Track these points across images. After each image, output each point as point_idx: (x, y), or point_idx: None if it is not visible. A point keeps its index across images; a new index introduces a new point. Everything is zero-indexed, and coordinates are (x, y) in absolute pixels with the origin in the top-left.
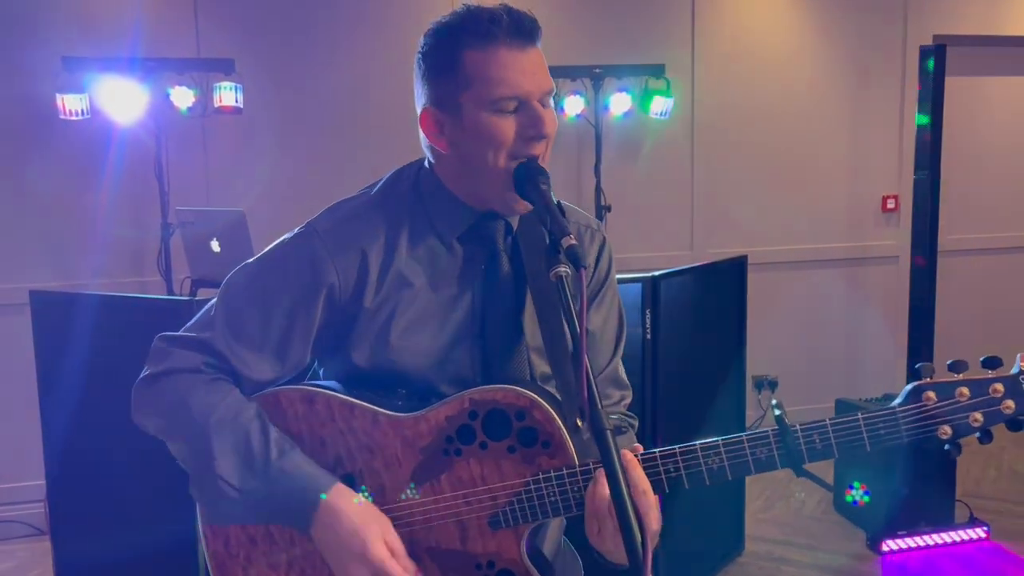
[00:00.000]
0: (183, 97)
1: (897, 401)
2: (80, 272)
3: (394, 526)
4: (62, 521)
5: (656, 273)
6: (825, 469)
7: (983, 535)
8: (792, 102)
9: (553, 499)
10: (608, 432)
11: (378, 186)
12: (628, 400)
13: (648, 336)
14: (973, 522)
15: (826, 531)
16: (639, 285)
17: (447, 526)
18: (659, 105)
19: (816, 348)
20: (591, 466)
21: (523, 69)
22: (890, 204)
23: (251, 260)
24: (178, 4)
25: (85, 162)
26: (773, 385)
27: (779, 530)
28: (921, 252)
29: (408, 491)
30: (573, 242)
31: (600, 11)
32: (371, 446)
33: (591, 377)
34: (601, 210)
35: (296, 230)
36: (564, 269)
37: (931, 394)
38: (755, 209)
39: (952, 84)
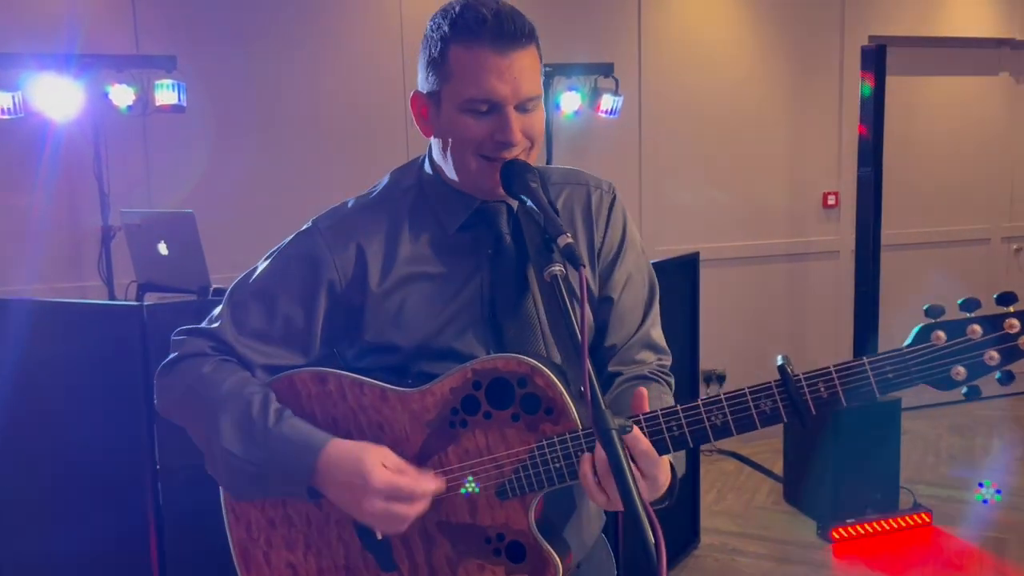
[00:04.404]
0: (122, 95)
1: (906, 342)
2: (13, 277)
3: None
4: None
5: None
6: (774, 459)
7: (927, 520)
8: (736, 101)
9: (558, 465)
10: (613, 432)
11: (381, 184)
12: (667, 364)
13: None
14: (917, 507)
15: (778, 521)
16: None
17: (456, 500)
18: (608, 103)
19: (762, 342)
20: (594, 431)
21: (500, 74)
22: (830, 200)
23: (258, 261)
24: None
25: (18, 162)
26: (721, 379)
27: (732, 521)
28: (865, 245)
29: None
30: (570, 240)
31: (549, 10)
32: (380, 422)
33: (594, 379)
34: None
35: (301, 228)
36: (559, 268)
37: (940, 333)
38: (701, 206)
39: (888, 83)
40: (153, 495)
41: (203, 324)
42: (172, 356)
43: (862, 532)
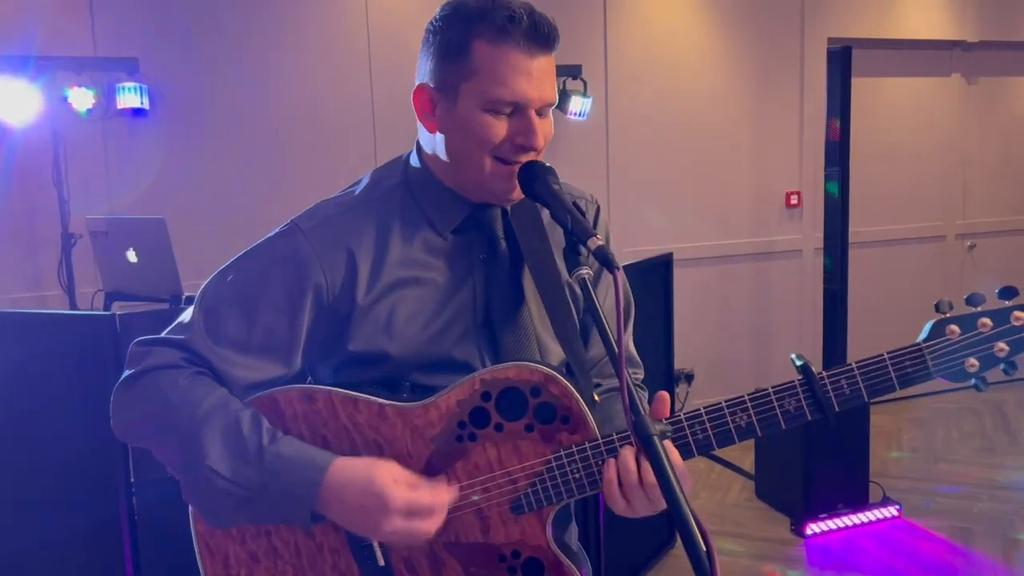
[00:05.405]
0: (82, 99)
1: (921, 337)
2: None
3: None
4: None
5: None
6: (744, 456)
7: (896, 513)
8: (700, 103)
9: (578, 476)
10: (655, 438)
11: (362, 184)
12: (640, 377)
13: None
14: (886, 501)
15: (752, 518)
16: None
17: (467, 517)
18: (577, 105)
19: (729, 341)
20: (615, 439)
21: (530, 75)
22: (793, 200)
23: (229, 262)
24: None
25: None
26: (690, 378)
27: (706, 520)
28: (833, 244)
29: None
30: (601, 243)
31: None
32: (379, 440)
33: (631, 384)
34: None
35: (279, 229)
36: (587, 272)
37: (954, 327)
38: (667, 207)
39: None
40: (128, 509)
41: (168, 333)
42: (137, 368)
43: (834, 527)
